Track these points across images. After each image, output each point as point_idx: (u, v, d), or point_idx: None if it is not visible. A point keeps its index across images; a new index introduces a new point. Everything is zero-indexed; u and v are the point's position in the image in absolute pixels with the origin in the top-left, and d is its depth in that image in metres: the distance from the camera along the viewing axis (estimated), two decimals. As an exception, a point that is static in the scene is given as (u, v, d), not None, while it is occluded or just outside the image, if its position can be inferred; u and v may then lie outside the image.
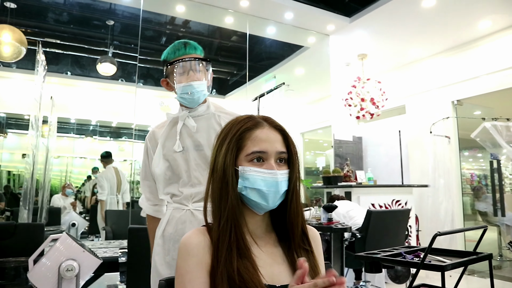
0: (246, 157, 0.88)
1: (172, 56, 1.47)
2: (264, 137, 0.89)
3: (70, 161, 7.14)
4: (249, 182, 0.86)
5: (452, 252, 2.07)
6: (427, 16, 4.48)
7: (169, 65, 1.46)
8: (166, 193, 1.50)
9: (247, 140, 0.88)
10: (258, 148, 0.87)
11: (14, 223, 2.38)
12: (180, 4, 4.49)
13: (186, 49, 1.47)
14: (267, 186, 0.86)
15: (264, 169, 0.87)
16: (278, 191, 0.87)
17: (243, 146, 0.88)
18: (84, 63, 6.43)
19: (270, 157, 0.88)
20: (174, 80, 1.45)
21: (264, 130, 0.90)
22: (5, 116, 6.38)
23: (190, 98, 1.44)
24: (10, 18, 4.73)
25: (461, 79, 5.22)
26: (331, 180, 4.60)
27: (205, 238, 0.87)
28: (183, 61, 1.43)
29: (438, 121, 5.30)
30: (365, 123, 6.43)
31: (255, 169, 0.86)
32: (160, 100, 6.96)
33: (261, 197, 0.86)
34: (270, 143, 0.88)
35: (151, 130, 1.57)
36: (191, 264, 0.84)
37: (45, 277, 1.89)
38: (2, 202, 5.47)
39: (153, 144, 1.54)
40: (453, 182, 5.18)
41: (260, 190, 0.86)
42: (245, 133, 0.89)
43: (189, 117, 1.47)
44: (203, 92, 1.45)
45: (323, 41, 5.31)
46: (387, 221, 3.36)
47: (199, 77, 1.44)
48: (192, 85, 1.42)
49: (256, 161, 0.88)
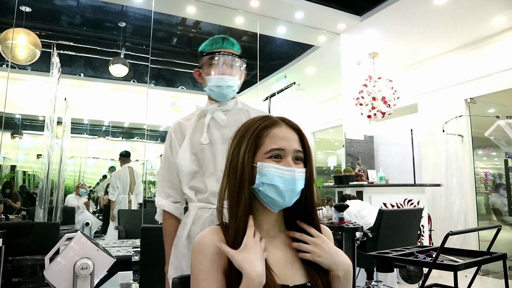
0: (264, 154, 0.89)
1: (209, 48, 1.47)
2: (282, 135, 0.90)
3: (83, 161, 7.24)
4: (266, 178, 0.87)
5: (465, 252, 2.05)
6: (439, 13, 4.43)
7: (204, 56, 1.46)
8: (191, 188, 1.45)
9: (265, 138, 0.90)
10: (277, 146, 0.89)
11: (31, 222, 2.43)
12: (191, 5, 4.52)
13: (224, 43, 1.47)
14: (284, 183, 0.87)
15: (282, 166, 0.88)
16: (294, 189, 0.88)
17: (261, 144, 0.90)
18: (97, 65, 6.52)
19: (287, 155, 0.89)
20: (207, 72, 1.45)
21: (282, 129, 0.92)
22: (20, 117, 6.49)
23: (219, 92, 1.44)
24: (25, 22, 4.82)
25: (474, 76, 5.15)
26: (343, 179, 4.59)
27: (219, 237, 0.87)
28: (218, 54, 1.43)
29: (451, 120, 5.24)
30: (377, 122, 6.39)
31: (273, 165, 0.87)
32: (171, 100, 7.02)
33: (277, 194, 0.87)
34: (288, 141, 0.90)
35: (177, 122, 1.52)
36: (205, 263, 0.84)
37: (60, 275, 1.92)
38: (18, 201, 5.58)
39: (178, 136, 1.49)
40: (467, 181, 5.11)
41: (277, 187, 0.87)
42: (263, 131, 0.91)
43: (219, 110, 1.47)
44: (233, 88, 1.46)
45: (334, 40, 5.29)
46: (399, 220, 3.34)
47: (232, 73, 1.44)
48: (223, 78, 1.42)
49: (274, 158, 0.89)
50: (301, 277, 0.88)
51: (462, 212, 4.97)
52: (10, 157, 6.41)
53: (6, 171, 6.30)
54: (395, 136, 6.02)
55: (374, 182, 4.80)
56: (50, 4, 5.25)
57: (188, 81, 7.28)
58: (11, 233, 2.23)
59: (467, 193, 5.09)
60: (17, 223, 2.79)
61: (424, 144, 5.70)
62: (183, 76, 7.22)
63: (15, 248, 2.27)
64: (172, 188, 1.49)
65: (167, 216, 1.49)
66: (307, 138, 0.95)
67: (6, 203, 5.25)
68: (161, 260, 1.54)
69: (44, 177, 3.42)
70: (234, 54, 1.45)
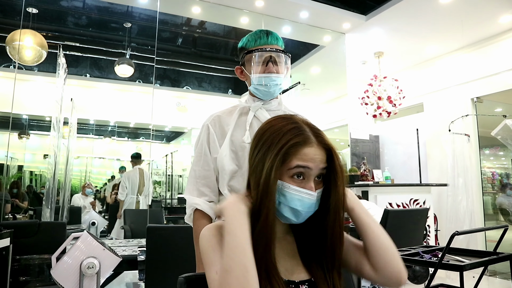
0: (288, 171, 0.84)
1: (253, 44, 1.38)
2: (311, 156, 0.84)
3: (89, 161, 7.29)
4: (285, 199, 0.84)
5: (471, 252, 2.04)
6: (445, 11, 4.40)
7: (248, 53, 1.37)
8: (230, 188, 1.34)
9: (293, 156, 0.83)
10: (303, 163, 0.83)
11: (38, 221, 2.46)
12: (195, 6, 4.53)
13: (268, 38, 1.37)
14: (302, 206, 0.84)
15: (303, 189, 0.83)
16: (310, 212, 0.85)
17: (287, 160, 0.84)
18: (102, 65, 6.56)
19: (311, 176, 0.84)
20: (251, 69, 1.36)
21: (313, 149, 0.84)
22: (27, 118, 6.55)
23: (266, 90, 1.36)
24: (32, 23, 4.86)
25: (481, 75, 5.11)
26: (348, 179, 4.58)
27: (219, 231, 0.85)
28: (264, 51, 1.34)
29: (457, 119, 5.20)
30: (382, 122, 6.37)
31: (294, 188, 0.83)
32: (177, 100, 7.05)
33: (293, 214, 0.85)
34: (315, 162, 0.84)
35: (216, 115, 1.42)
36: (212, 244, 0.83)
37: (67, 274, 1.94)
38: (25, 201, 5.63)
39: (217, 130, 1.39)
40: (473, 181, 5.07)
41: (295, 209, 0.84)
42: (292, 148, 0.83)
43: (262, 108, 1.40)
44: (280, 86, 1.38)
45: (339, 39, 5.28)
46: (405, 220, 3.32)
47: (278, 70, 1.36)
48: (271, 77, 1.34)
49: (296, 178, 0.84)
50: (306, 273, 0.88)
51: (468, 212, 4.93)
52: (18, 157, 6.46)
53: (13, 171, 6.35)
54: (400, 136, 5.99)
55: (379, 182, 4.78)
56: (56, 5, 5.30)
57: (193, 81, 7.30)
58: (18, 233, 2.25)
59: (474, 193, 5.05)
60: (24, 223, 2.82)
61: (430, 143, 5.67)
62: (188, 76, 7.24)
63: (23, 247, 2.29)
64: (207, 186, 1.37)
65: (200, 216, 1.34)
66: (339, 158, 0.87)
67: (14, 203, 5.30)
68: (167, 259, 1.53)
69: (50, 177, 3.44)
70: (280, 50, 1.36)
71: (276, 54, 1.35)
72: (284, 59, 1.38)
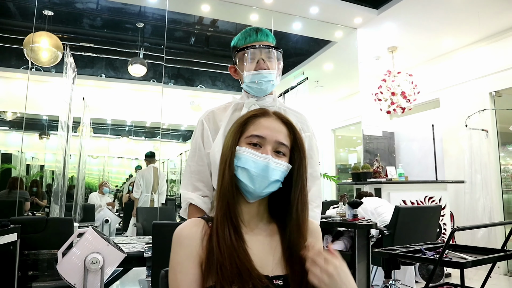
0: (245, 139, 0.90)
1: (243, 42, 1.39)
2: (267, 125, 0.91)
3: (108, 160, 7.42)
4: (241, 161, 0.88)
5: (478, 249, 1.97)
6: (460, 3, 4.28)
7: (239, 51, 1.38)
8: None
9: (251, 125, 0.91)
10: (257, 133, 0.89)
11: (45, 217, 2.52)
12: (205, 4, 4.55)
13: (258, 35, 1.38)
14: (256, 168, 0.86)
15: (257, 152, 0.88)
16: (266, 177, 0.87)
17: (245, 130, 0.91)
18: (117, 66, 6.66)
19: (267, 144, 0.89)
20: (243, 67, 1.37)
21: (270, 119, 0.92)
22: (47, 118, 6.72)
23: (258, 87, 1.36)
24: (47, 25, 4.99)
25: (499, 69, 4.94)
26: (361, 176, 4.52)
27: (198, 229, 0.88)
28: (254, 48, 1.35)
29: (474, 114, 5.05)
30: (398, 118, 6.25)
31: (249, 150, 0.88)
32: (191, 99, 7.10)
33: (249, 179, 0.87)
34: (271, 131, 0.90)
35: (210, 110, 1.45)
36: (182, 255, 0.85)
37: (72, 269, 1.98)
38: (44, 199, 5.78)
39: (211, 126, 1.41)
40: (492, 178, 4.91)
41: (249, 171, 0.87)
42: (250, 118, 0.92)
43: (256, 104, 1.40)
44: (272, 82, 1.37)
45: (350, 35, 5.20)
46: (417, 217, 3.25)
47: (269, 66, 1.35)
48: (262, 73, 1.34)
49: (253, 145, 0.89)
50: (282, 268, 0.87)
51: (487, 210, 4.79)
52: (39, 157, 6.64)
53: (34, 171, 6.54)
54: (416, 132, 5.86)
55: (392, 179, 4.69)
56: (71, 7, 5.41)
57: (207, 80, 7.34)
58: (26, 228, 2.31)
59: (493, 190, 4.89)
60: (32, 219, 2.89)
61: (446, 139, 5.53)
62: (202, 75, 7.28)
63: (31, 242, 2.35)
64: (201, 180, 1.38)
65: (194, 211, 1.36)
66: (300, 135, 0.93)
67: (33, 201, 5.45)
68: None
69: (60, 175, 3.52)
70: (269, 46, 1.36)
71: (267, 50, 1.35)
72: (276, 54, 1.37)
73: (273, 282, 0.84)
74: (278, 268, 0.87)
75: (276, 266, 0.87)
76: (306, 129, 1.43)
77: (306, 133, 1.41)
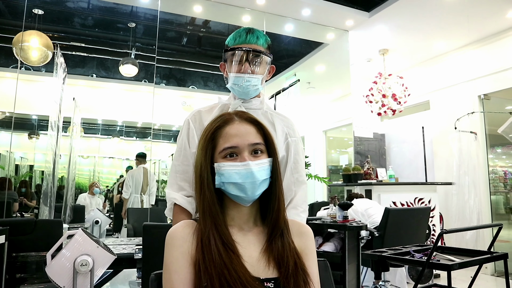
0: (219, 154, 0.90)
1: (232, 42, 1.38)
2: (234, 132, 0.91)
3: (99, 161, 7.36)
4: (224, 177, 0.89)
5: (466, 251, 2.00)
6: (450, 7, 4.33)
7: (227, 51, 1.37)
8: None
9: (219, 138, 0.91)
10: (229, 144, 0.90)
11: (34, 219, 2.49)
12: (197, 4, 4.54)
13: (247, 37, 1.36)
14: (242, 178, 0.87)
15: (237, 163, 0.88)
16: (254, 182, 0.88)
17: (216, 144, 0.91)
18: (109, 65, 6.62)
19: (242, 151, 0.90)
20: (230, 68, 1.36)
21: (234, 125, 0.92)
22: (37, 118, 6.64)
23: (240, 90, 1.36)
24: (37, 24, 4.93)
25: (488, 72, 5.01)
26: (351, 177, 4.54)
27: (191, 230, 0.89)
28: (240, 50, 1.33)
29: (463, 117, 5.11)
30: (388, 120, 6.30)
31: (228, 164, 0.89)
32: (182, 100, 7.08)
33: (239, 190, 0.88)
34: (241, 137, 0.90)
35: (197, 110, 1.44)
36: (176, 255, 0.86)
37: (61, 272, 1.95)
38: (33, 200, 5.71)
39: (197, 126, 1.40)
40: (480, 180, 4.98)
41: (237, 183, 0.88)
42: (216, 131, 0.92)
43: (242, 106, 1.38)
44: (256, 87, 1.36)
45: (342, 37, 5.23)
46: (406, 219, 3.28)
47: (254, 70, 1.34)
48: (243, 77, 1.33)
49: (229, 157, 0.90)
50: (274, 272, 0.88)
51: (475, 212, 4.85)
52: (28, 157, 6.56)
53: (23, 171, 6.46)
54: (407, 134, 5.92)
55: (383, 180, 4.73)
56: (61, 6, 5.36)
57: (199, 81, 7.33)
58: (14, 230, 2.28)
59: (481, 192, 4.96)
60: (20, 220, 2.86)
61: (436, 142, 5.59)
62: (194, 76, 7.27)
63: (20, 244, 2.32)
64: (185, 180, 1.36)
65: (179, 211, 1.34)
66: (267, 128, 0.95)
67: (22, 202, 5.39)
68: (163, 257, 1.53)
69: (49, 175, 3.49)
70: (256, 50, 1.34)
71: (251, 54, 1.33)
72: (263, 59, 1.36)
73: (264, 285, 0.85)
74: (269, 271, 0.88)
75: (267, 268, 0.88)
76: (293, 133, 1.42)
77: (293, 138, 1.40)
